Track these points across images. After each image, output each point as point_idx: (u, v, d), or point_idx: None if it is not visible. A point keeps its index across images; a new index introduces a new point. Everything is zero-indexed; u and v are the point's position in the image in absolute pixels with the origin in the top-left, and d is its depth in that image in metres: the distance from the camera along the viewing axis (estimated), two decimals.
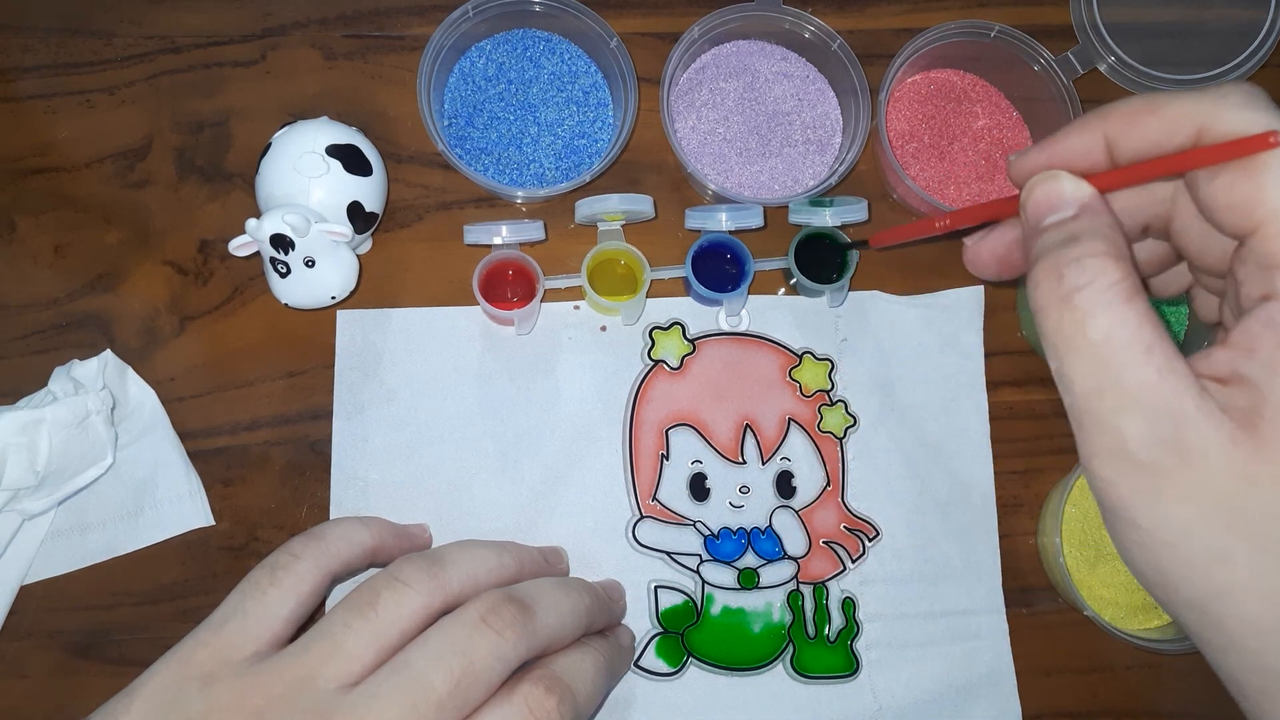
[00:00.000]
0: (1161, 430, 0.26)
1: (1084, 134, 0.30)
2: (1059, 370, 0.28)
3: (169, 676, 0.35)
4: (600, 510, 0.48)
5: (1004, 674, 0.49)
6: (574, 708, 0.36)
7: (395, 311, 0.49)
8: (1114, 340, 0.27)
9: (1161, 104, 0.29)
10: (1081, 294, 0.27)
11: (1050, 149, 0.31)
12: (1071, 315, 0.27)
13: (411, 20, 0.53)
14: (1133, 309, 0.27)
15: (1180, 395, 0.26)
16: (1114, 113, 0.30)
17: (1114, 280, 0.27)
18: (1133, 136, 0.29)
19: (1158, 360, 0.26)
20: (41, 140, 0.50)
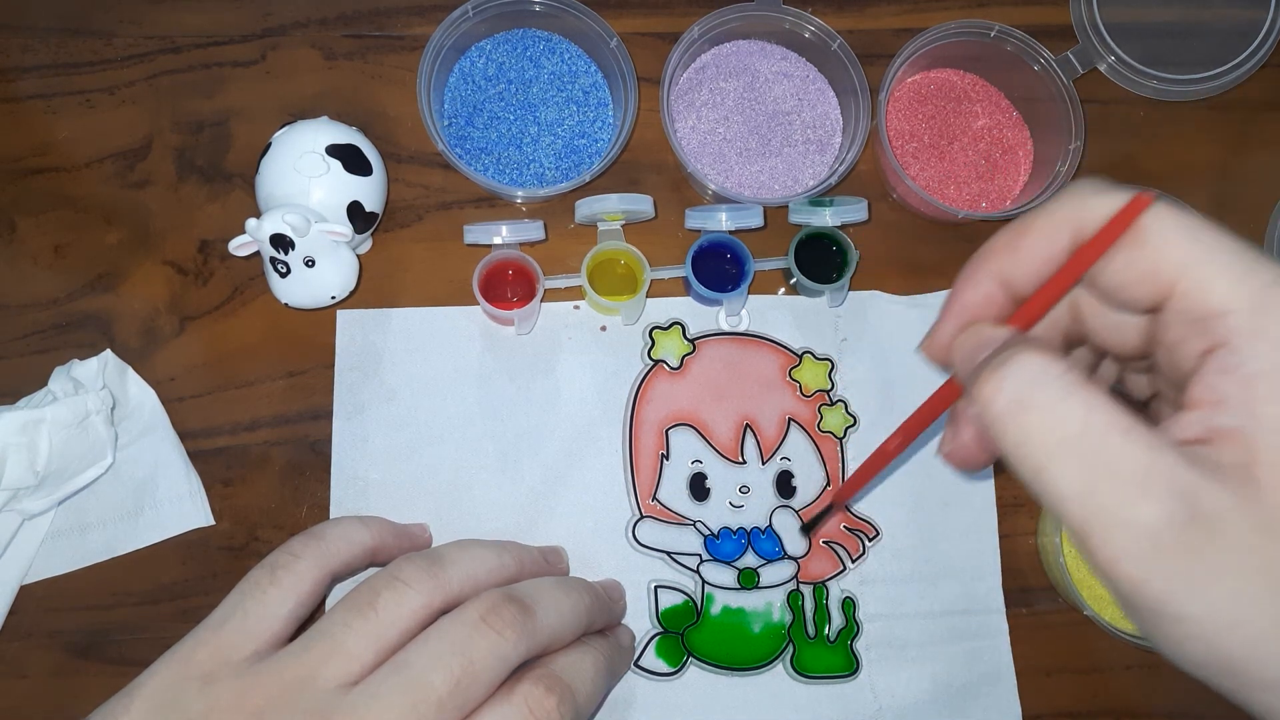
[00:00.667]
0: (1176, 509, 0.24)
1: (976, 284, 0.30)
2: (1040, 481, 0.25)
3: (169, 676, 0.35)
4: (600, 510, 0.48)
5: (1004, 674, 0.49)
6: (574, 707, 0.36)
7: (395, 311, 0.49)
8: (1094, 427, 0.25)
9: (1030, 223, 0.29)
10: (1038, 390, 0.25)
11: (952, 314, 0.30)
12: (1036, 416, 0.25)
13: (411, 20, 0.53)
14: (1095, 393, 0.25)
15: (1177, 467, 0.24)
16: (992, 250, 0.30)
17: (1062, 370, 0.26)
18: (1020, 265, 0.29)
19: (1141, 439, 0.25)
20: (41, 140, 0.50)
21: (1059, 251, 0.28)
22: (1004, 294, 0.30)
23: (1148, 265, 0.26)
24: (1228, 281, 0.25)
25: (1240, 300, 0.25)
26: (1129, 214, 0.26)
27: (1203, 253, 0.26)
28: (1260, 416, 0.24)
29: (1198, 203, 0.52)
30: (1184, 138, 0.56)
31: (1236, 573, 0.24)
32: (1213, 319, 0.25)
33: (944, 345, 0.31)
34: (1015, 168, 0.54)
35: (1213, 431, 0.25)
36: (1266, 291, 0.25)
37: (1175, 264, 0.26)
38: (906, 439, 0.36)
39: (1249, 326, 0.25)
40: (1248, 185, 0.56)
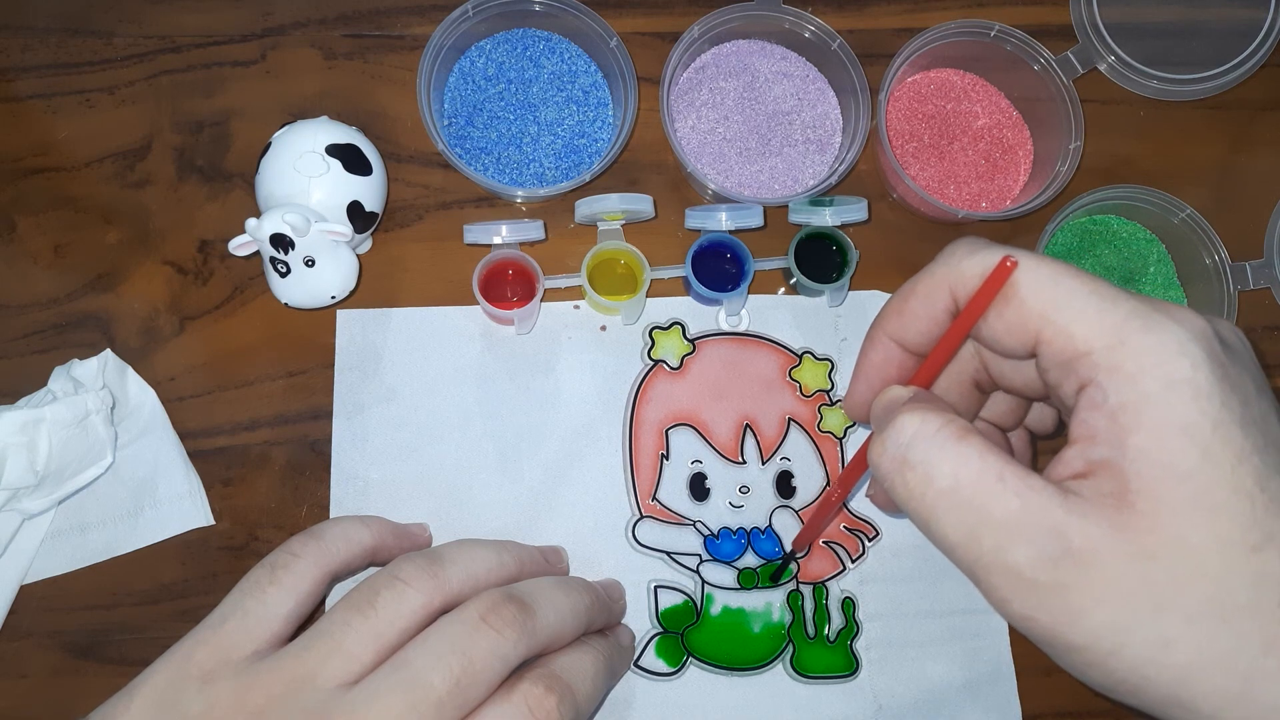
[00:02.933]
0: (1047, 548, 0.26)
1: (876, 347, 0.33)
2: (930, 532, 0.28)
3: (168, 675, 0.35)
4: (600, 510, 0.48)
5: (1004, 674, 0.49)
6: (574, 707, 0.36)
7: (395, 311, 0.49)
8: (963, 480, 0.27)
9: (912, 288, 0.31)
10: (913, 450, 0.28)
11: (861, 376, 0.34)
12: (914, 474, 0.28)
13: (411, 20, 0.53)
14: (968, 445, 0.27)
15: (1048, 508, 0.26)
16: (884, 316, 0.33)
17: (937, 426, 0.28)
18: (909, 327, 0.32)
19: (1013, 484, 0.27)
20: (41, 140, 0.50)
21: (941, 312, 0.31)
22: (902, 353, 0.33)
23: (1015, 318, 0.28)
24: (1085, 323, 0.27)
25: (1097, 339, 0.27)
26: (998, 277, 0.28)
27: (1063, 298, 0.28)
28: (1128, 447, 0.26)
29: (1198, 203, 0.52)
30: (1184, 138, 0.56)
31: (1113, 600, 0.26)
32: (1077, 359, 0.27)
33: (860, 404, 0.34)
34: (1015, 168, 0.54)
35: (1090, 464, 0.27)
36: (1121, 327, 0.27)
37: (1038, 314, 0.28)
38: (845, 489, 0.39)
39: (1108, 362, 0.27)
40: (1248, 185, 0.56)
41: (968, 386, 0.35)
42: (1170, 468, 0.25)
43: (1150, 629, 0.25)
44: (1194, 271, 0.53)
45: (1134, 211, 0.53)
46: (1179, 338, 0.26)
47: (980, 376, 0.34)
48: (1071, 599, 0.26)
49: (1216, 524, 0.25)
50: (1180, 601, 0.25)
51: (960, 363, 0.34)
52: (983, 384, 0.35)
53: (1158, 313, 0.27)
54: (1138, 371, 0.26)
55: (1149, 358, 0.26)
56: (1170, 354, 0.26)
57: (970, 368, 0.34)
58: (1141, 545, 0.25)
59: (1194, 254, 0.52)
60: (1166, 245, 0.54)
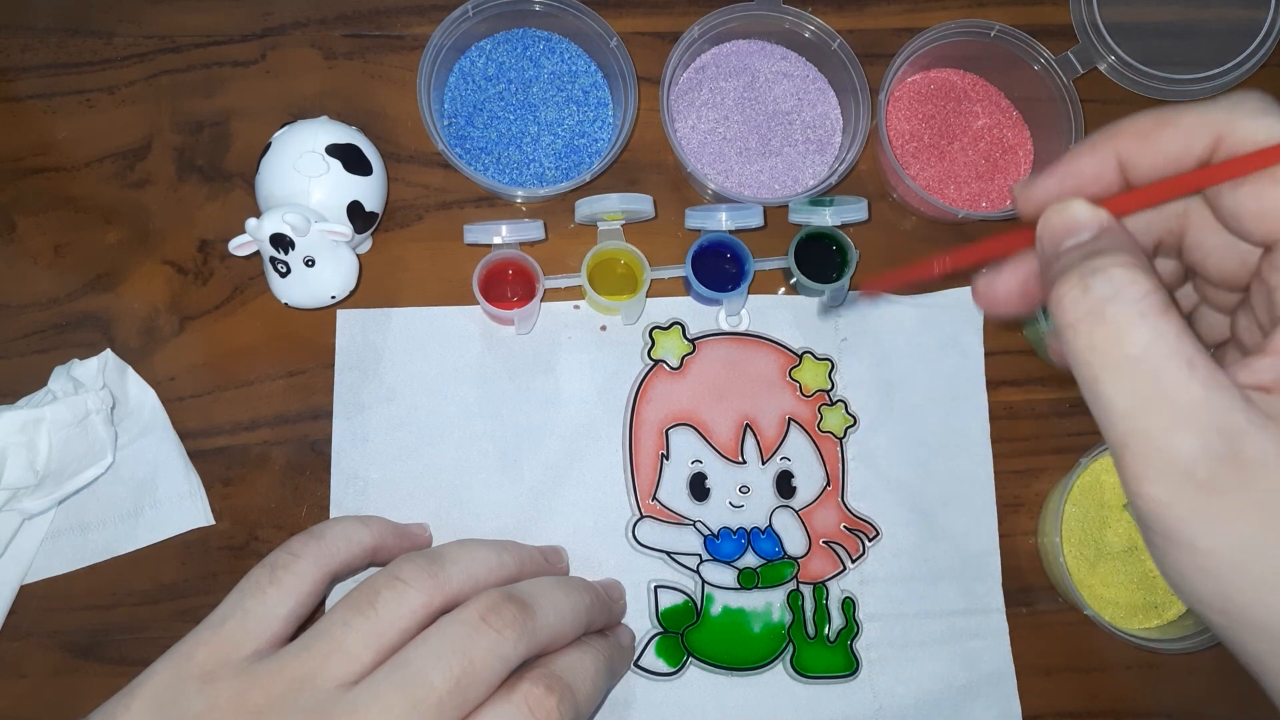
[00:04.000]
0: (1216, 446, 0.25)
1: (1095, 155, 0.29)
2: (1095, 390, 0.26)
3: (169, 675, 0.35)
4: (600, 510, 0.48)
5: (1004, 674, 0.49)
6: (574, 707, 0.36)
7: (395, 311, 0.49)
8: (1155, 354, 0.25)
9: (1175, 117, 0.28)
10: (1113, 306, 0.26)
11: (1060, 174, 0.30)
12: (1105, 330, 0.26)
13: (411, 20, 0.53)
14: (1169, 322, 0.25)
15: (1230, 408, 0.25)
16: (1125, 130, 0.29)
17: (1145, 291, 0.26)
18: (1147, 154, 0.28)
19: (1202, 374, 0.25)
20: (41, 140, 0.50)
21: (1192, 154, 0.28)
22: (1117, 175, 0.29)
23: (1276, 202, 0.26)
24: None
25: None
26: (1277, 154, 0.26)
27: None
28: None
29: None
30: None
31: (1259, 519, 0.25)
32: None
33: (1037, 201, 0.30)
34: (1015, 168, 0.54)
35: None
36: None
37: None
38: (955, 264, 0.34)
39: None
40: None
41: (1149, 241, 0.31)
42: None
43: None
44: None
45: None
46: None
47: (1169, 238, 0.31)
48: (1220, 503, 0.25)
49: None
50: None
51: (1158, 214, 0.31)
52: (1165, 247, 0.32)
53: None
54: None
55: None
56: None
57: (1165, 227, 0.31)
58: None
59: None
60: None
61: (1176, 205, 0.30)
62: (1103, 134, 0.29)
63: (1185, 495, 0.25)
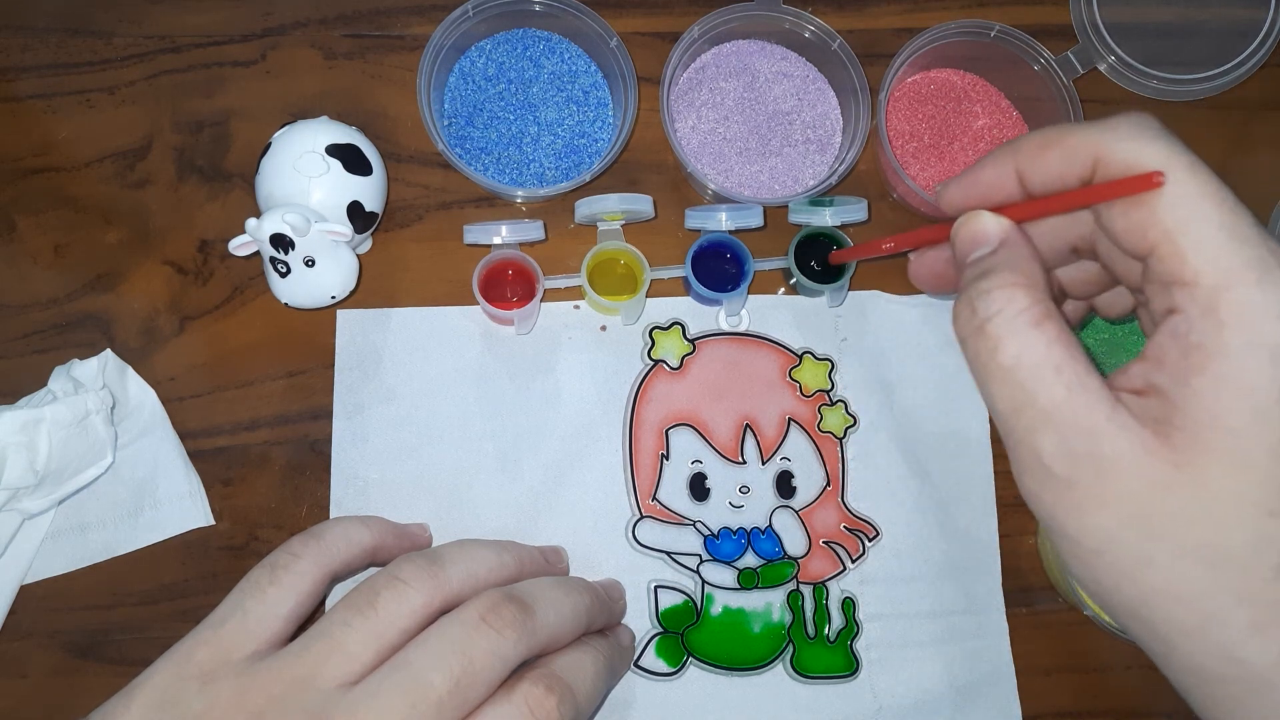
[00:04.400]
0: (1074, 444, 0.28)
1: (998, 167, 0.32)
2: (983, 395, 0.30)
3: (168, 675, 0.35)
4: (600, 510, 0.48)
5: (1004, 674, 0.49)
6: (574, 707, 0.36)
7: (395, 311, 0.49)
8: (1023, 363, 0.28)
9: (1061, 137, 0.30)
10: (991, 323, 0.29)
11: (969, 179, 0.33)
12: (985, 343, 0.29)
13: (411, 20, 0.53)
14: (1040, 333, 0.28)
15: (1091, 410, 0.28)
16: (1022, 146, 0.32)
17: (1021, 308, 0.29)
18: (1038, 169, 0.31)
19: (1067, 378, 0.28)
20: (41, 140, 0.50)
21: (1074, 173, 0.30)
22: (1017, 185, 0.32)
23: (1138, 221, 0.28)
24: (1202, 255, 0.27)
25: (1206, 275, 0.27)
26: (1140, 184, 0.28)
27: (1194, 223, 0.27)
28: (1189, 385, 0.27)
29: None
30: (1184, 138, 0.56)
31: (1115, 512, 0.27)
32: (1178, 285, 0.27)
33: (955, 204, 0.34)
34: None
35: (1148, 386, 0.28)
36: (1235, 273, 0.27)
37: (1162, 229, 0.28)
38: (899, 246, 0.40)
39: (1205, 301, 0.27)
40: (1248, 185, 0.55)
41: (1064, 244, 0.34)
42: (1220, 418, 0.26)
43: (1138, 547, 0.27)
44: None
45: None
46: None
47: (1082, 244, 0.34)
48: (1078, 495, 0.28)
49: (1243, 480, 0.26)
50: (1178, 534, 0.27)
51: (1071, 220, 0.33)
52: (1081, 251, 0.34)
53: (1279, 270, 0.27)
54: (1228, 321, 0.26)
55: (1246, 311, 0.26)
56: (1269, 316, 0.26)
57: (1078, 232, 0.33)
58: (1164, 476, 0.27)
59: None
60: None
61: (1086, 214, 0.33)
62: (1006, 147, 0.32)
63: (1049, 488, 0.28)
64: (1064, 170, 0.30)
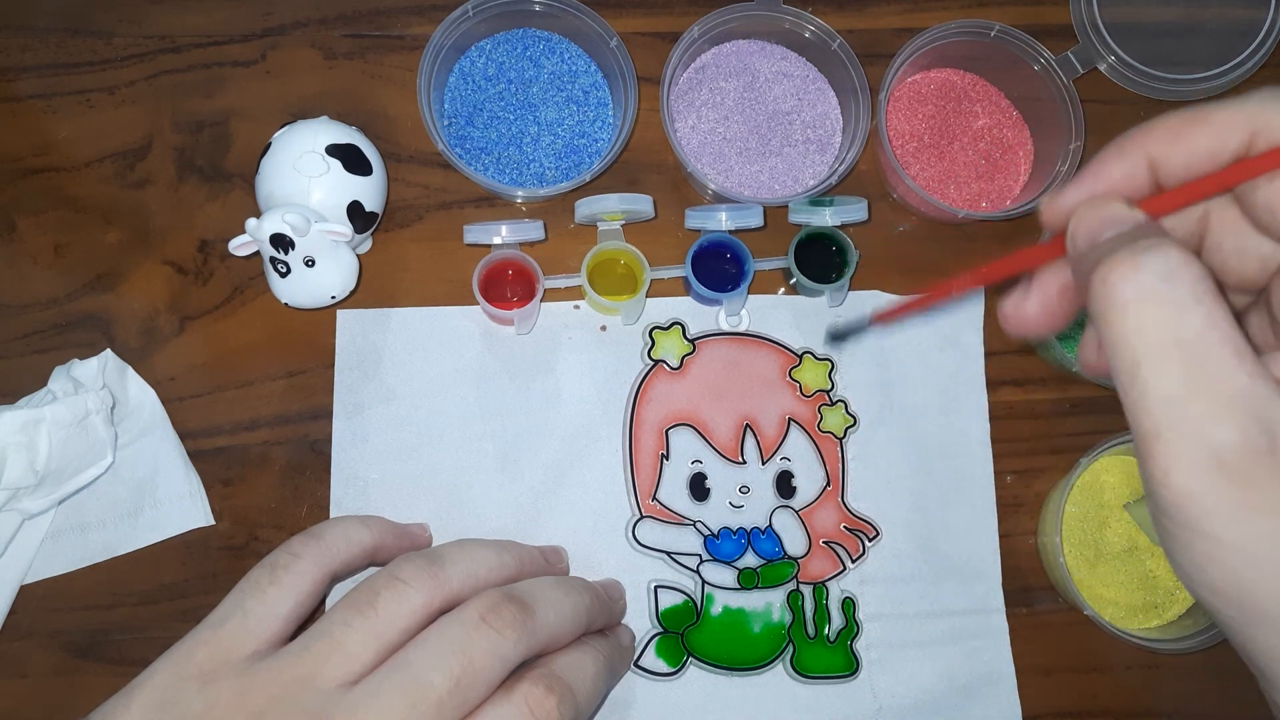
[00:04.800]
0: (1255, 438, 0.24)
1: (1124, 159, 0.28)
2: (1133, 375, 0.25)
3: (168, 675, 0.35)
4: (600, 510, 0.48)
5: (1004, 674, 0.49)
6: (574, 706, 0.36)
7: (395, 311, 0.49)
8: (1208, 340, 0.24)
9: (1207, 114, 0.27)
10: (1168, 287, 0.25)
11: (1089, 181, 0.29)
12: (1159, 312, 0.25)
13: (411, 20, 0.53)
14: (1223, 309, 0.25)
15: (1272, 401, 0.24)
16: (1156, 130, 0.28)
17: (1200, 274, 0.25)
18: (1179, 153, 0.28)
19: (1249, 364, 0.24)
20: (41, 140, 0.50)
21: (1227, 151, 0.27)
22: (1148, 177, 0.28)
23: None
24: None
25: None
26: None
27: None
28: None
29: None
30: None
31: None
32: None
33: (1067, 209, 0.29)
34: (1015, 168, 0.54)
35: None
36: None
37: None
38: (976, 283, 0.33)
39: None
40: None
41: None
42: None
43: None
44: None
45: None
46: None
47: (1188, 242, 0.30)
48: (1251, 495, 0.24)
49: None
50: None
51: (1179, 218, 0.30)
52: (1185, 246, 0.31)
53: None
54: None
55: None
56: None
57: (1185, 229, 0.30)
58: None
59: None
60: None
61: (1197, 208, 0.30)
62: (1131, 136, 0.28)
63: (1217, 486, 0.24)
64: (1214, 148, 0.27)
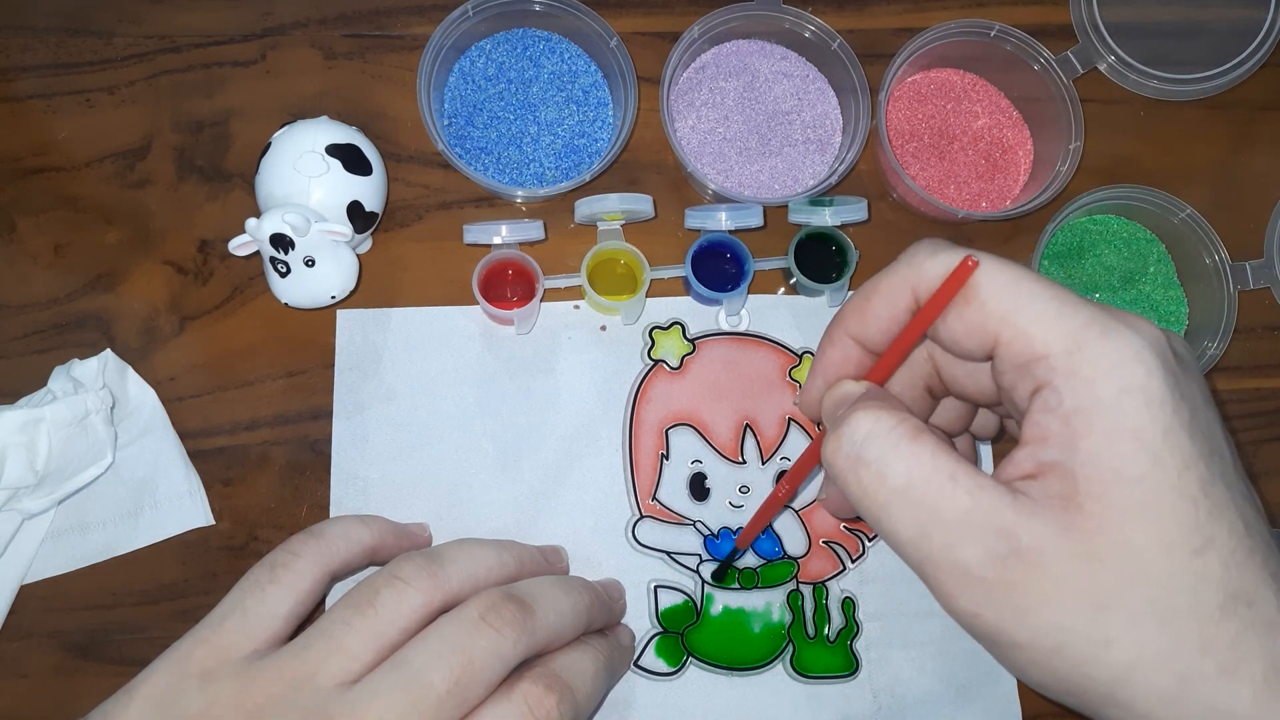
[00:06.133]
0: (996, 547, 0.26)
1: (835, 345, 0.33)
2: (880, 529, 0.28)
3: (168, 675, 0.35)
4: (600, 510, 0.48)
5: (1004, 674, 0.48)
6: (574, 706, 0.36)
7: (395, 311, 0.49)
8: (916, 479, 0.27)
9: (874, 286, 0.31)
10: (867, 448, 0.28)
11: (818, 372, 0.34)
12: (867, 472, 0.28)
13: (411, 20, 0.53)
14: (921, 445, 0.28)
15: (998, 507, 0.27)
16: (846, 312, 0.33)
17: (891, 426, 0.28)
18: (871, 325, 0.32)
19: (965, 483, 0.27)
20: (41, 140, 0.50)
21: (901, 311, 0.31)
22: (861, 351, 0.33)
23: (975, 319, 0.29)
24: (1044, 327, 0.27)
25: (1056, 343, 0.27)
26: (959, 276, 0.29)
27: (1023, 302, 0.28)
28: (1079, 449, 0.26)
29: (1198, 203, 0.52)
30: (1184, 138, 0.56)
31: (1057, 599, 0.26)
32: (1034, 362, 0.27)
33: (814, 402, 0.34)
34: (1015, 168, 0.54)
35: (1040, 466, 0.27)
36: (1079, 333, 0.27)
37: (998, 316, 0.28)
38: (792, 487, 0.39)
39: (1065, 366, 0.27)
40: (1248, 185, 0.56)
41: (920, 391, 0.35)
42: (1120, 471, 0.26)
43: (1093, 628, 0.26)
44: (1194, 271, 0.53)
45: (1134, 211, 0.53)
46: (1135, 345, 0.27)
47: (932, 381, 0.35)
48: (1017, 597, 0.26)
49: (1161, 527, 0.26)
50: (1123, 602, 0.26)
51: (913, 367, 0.35)
52: (934, 389, 0.35)
53: (1115, 320, 0.27)
54: (1094, 377, 0.26)
55: (1105, 363, 0.26)
56: (1126, 360, 0.26)
57: (923, 372, 0.35)
58: (1088, 546, 0.26)
59: (1194, 254, 0.52)
60: (1166, 245, 0.54)
61: (921, 353, 0.34)
62: (831, 323, 0.33)
63: (987, 601, 0.27)
64: (892, 311, 0.31)
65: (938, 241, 0.30)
